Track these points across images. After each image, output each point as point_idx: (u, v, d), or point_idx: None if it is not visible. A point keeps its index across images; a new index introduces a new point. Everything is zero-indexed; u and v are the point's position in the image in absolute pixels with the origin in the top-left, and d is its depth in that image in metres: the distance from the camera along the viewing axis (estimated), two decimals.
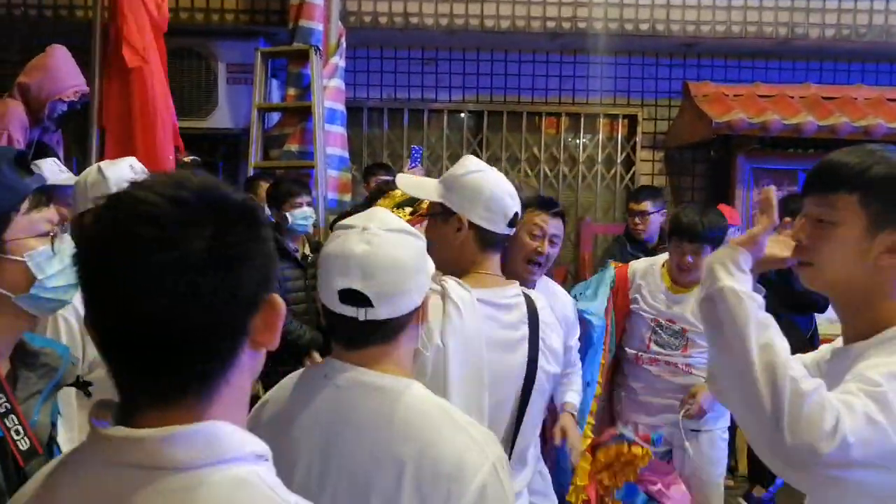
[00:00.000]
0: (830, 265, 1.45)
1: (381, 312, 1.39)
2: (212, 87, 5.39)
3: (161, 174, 0.91)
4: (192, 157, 3.48)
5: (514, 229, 2.18)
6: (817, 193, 1.47)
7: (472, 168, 2.15)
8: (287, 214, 3.96)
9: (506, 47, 6.00)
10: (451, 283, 2.05)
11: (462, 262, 2.12)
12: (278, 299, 0.92)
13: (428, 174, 5.92)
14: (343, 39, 5.35)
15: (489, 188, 2.09)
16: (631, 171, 6.22)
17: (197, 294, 0.83)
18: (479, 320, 2.02)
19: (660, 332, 3.38)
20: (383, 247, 1.40)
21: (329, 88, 5.23)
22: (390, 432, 1.34)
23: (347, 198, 5.43)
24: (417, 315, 1.46)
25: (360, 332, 1.42)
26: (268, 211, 4.15)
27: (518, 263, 2.81)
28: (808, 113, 5.13)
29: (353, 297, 1.39)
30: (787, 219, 3.26)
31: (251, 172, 4.99)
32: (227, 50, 5.35)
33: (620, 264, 3.65)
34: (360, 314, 1.39)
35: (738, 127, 5.07)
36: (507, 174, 6.06)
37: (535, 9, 5.54)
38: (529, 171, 6.24)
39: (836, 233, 1.43)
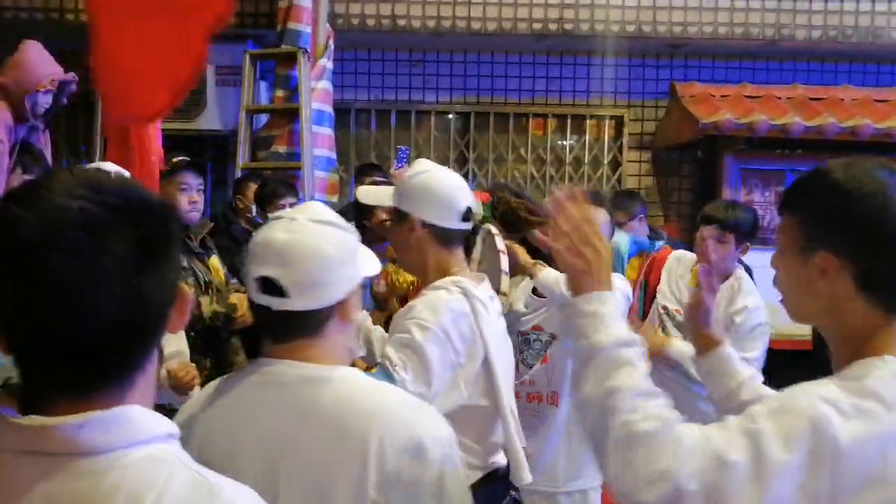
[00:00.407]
0: (789, 298, 1.33)
1: (296, 303, 1.36)
2: (201, 89, 5.37)
3: (67, 174, 0.91)
4: (180, 158, 3.45)
5: (470, 224, 2.21)
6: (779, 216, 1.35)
7: (420, 169, 2.19)
8: (270, 216, 3.95)
9: (492, 49, 5.99)
10: (466, 282, 2.10)
11: (424, 261, 2.17)
12: (184, 286, 0.96)
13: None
14: (331, 41, 5.33)
15: (437, 185, 2.14)
16: (618, 172, 6.23)
17: (137, 294, 0.87)
18: (497, 315, 2.16)
19: (667, 320, 3.36)
20: (305, 236, 1.38)
21: (317, 90, 5.22)
22: (350, 418, 1.33)
23: (335, 199, 5.42)
24: (343, 310, 1.42)
25: (283, 325, 1.39)
26: (255, 211, 4.14)
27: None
28: (795, 113, 5.15)
29: (269, 285, 1.37)
30: None
31: (239, 173, 4.97)
32: (216, 52, 5.32)
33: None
34: (274, 303, 1.36)
35: (725, 127, 5.08)
36: (494, 175, 6.16)
37: (522, 10, 5.54)
38: (516, 172, 6.23)
39: (784, 260, 1.31)
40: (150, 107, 2.52)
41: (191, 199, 3.32)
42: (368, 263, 1.52)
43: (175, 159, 3.46)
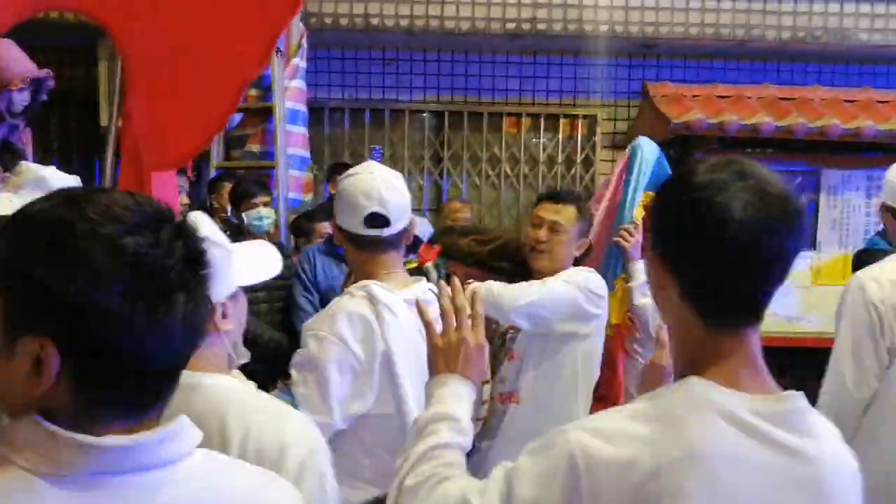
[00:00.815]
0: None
1: None
2: None
3: (113, 194, 0.90)
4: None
5: (382, 230, 2.08)
6: None
7: (348, 173, 2.16)
8: (243, 215, 3.93)
9: (466, 48, 6.00)
10: (373, 287, 2.05)
11: (354, 266, 2.17)
12: None
13: None
14: (304, 40, 5.31)
15: (346, 191, 2.09)
16: (591, 171, 6.26)
17: (203, 317, 0.93)
18: (413, 317, 1.98)
19: None
20: None
21: (290, 89, 5.20)
22: (215, 423, 1.33)
23: (309, 197, 5.40)
24: (212, 320, 1.40)
25: None
26: (230, 211, 4.11)
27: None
28: (765, 113, 5.21)
29: None
30: None
31: (213, 173, 4.93)
32: None
33: None
34: None
35: (697, 127, 5.13)
36: (468, 174, 6.17)
37: (495, 10, 5.56)
38: (490, 171, 6.25)
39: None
40: (180, 151, 2.29)
41: (182, 201, 3.27)
42: (246, 274, 1.50)
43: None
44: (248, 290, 2.63)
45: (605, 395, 3.28)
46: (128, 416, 0.89)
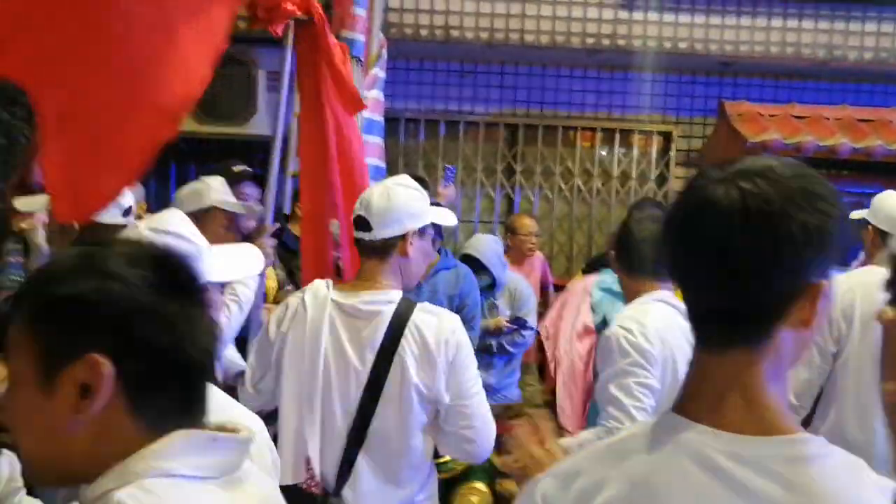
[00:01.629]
0: None
1: None
2: (252, 94, 5.49)
3: None
4: (241, 168, 3.51)
5: (364, 234, 2.14)
6: None
7: None
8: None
9: (544, 62, 6.07)
10: (318, 282, 2.20)
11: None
12: None
13: (462, 186, 6.04)
14: (384, 51, 5.45)
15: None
16: (664, 188, 6.25)
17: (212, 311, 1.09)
18: (325, 317, 2.10)
19: None
20: None
21: (368, 99, 5.30)
22: None
23: None
24: None
25: None
26: None
27: None
28: (842, 135, 5.14)
29: None
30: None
31: (288, 181, 5.08)
32: (268, 56, 5.45)
33: None
34: None
35: (773, 147, 5.09)
36: (540, 188, 6.21)
37: (575, 25, 5.62)
38: (563, 185, 6.29)
39: None
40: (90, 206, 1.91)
41: (250, 209, 3.37)
42: (220, 272, 1.58)
43: (236, 169, 3.51)
44: None
45: None
46: (183, 420, 0.93)
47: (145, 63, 1.63)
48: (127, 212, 2.61)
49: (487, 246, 4.32)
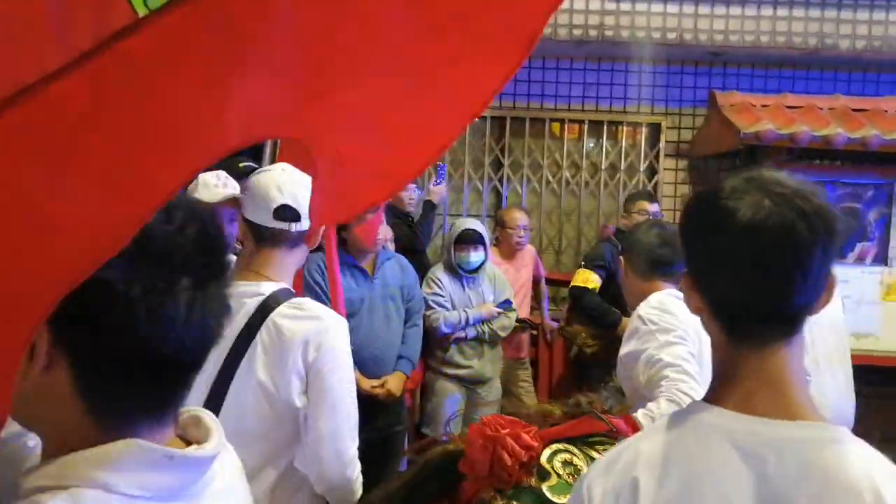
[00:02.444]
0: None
1: None
2: None
3: None
4: (246, 164, 3.37)
5: (291, 225, 1.98)
6: None
7: (261, 170, 2.13)
8: None
9: (532, 53, 5.94)
10: (244, 283, 1.98)
11: (245, 257, 2.08)
12: None
13: (450, 179, 5.93)
14: None
15: (258, 184, 2.03)
16: (654, 180, 6.18)
17: (214, 313, 0.92)
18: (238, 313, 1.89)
19: None
20: None
21: None
22: None
23: None
24: None
25: None
26: None
27: None
28: (837, 125, 5.07)
29: None
30: None
31: None
32: None
33: None
34: None
35: (767, 138, 5.01)
36: (528, 181, 6.12)
37: (562, 16, 5.51)
38: (551, 178, 6.20)
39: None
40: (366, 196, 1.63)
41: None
42: None
43: (241, 165, 3.41)
44: None
45: None
46: (148, 419, 0.84)
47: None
48: None
49: (480, 224, 4.48)
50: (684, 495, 1.02)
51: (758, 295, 1.05)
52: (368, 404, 2.79)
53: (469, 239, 4.29)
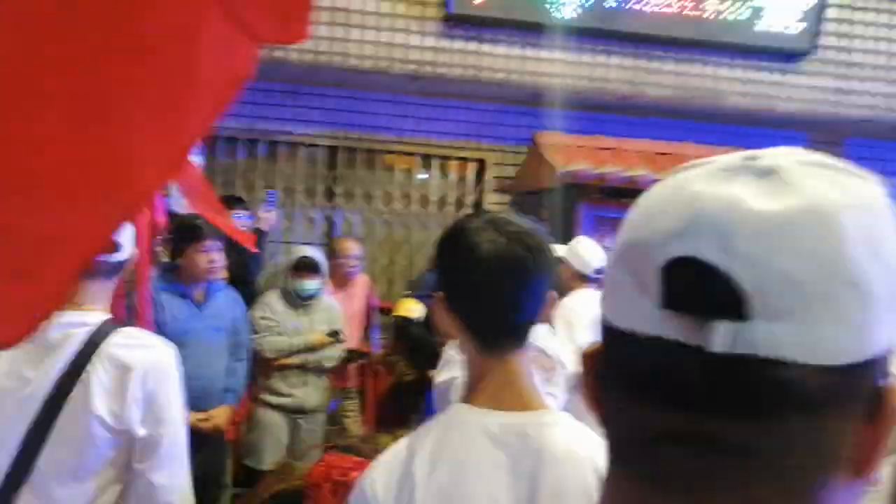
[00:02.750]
0: None
1: None
2: None
3: None
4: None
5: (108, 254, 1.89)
6: None
7: None
8: None
9: (366, 86, 6.11)
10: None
11: None
12: None
13: (282, 207, 5.95)
14: None
15: None
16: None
17: None
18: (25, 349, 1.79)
19: None
20: None
21: None
22: None
23: None
24: None
25: None
26: None
27: None
28: (643, 166, 5.51)
29: None
30: None
31: None
32: None
33: None
34: None
35: (580, 176, 5.38)
36: (362, 210, 6.24)
37: (398, 51, 5.69)
38: (383, 208, 6.35)
39: None
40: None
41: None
42: None
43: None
44: None
45: None
46: None
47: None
48: None
49: (318, 253, 4.52)
50: (454, 482, 1.22)
51: (499, 313, 1.28)
52: (191, 437, 2.78)
53: (306, 266, 4.31)
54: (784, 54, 6.04)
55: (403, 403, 4.34)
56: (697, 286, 0.48)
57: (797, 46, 6.00)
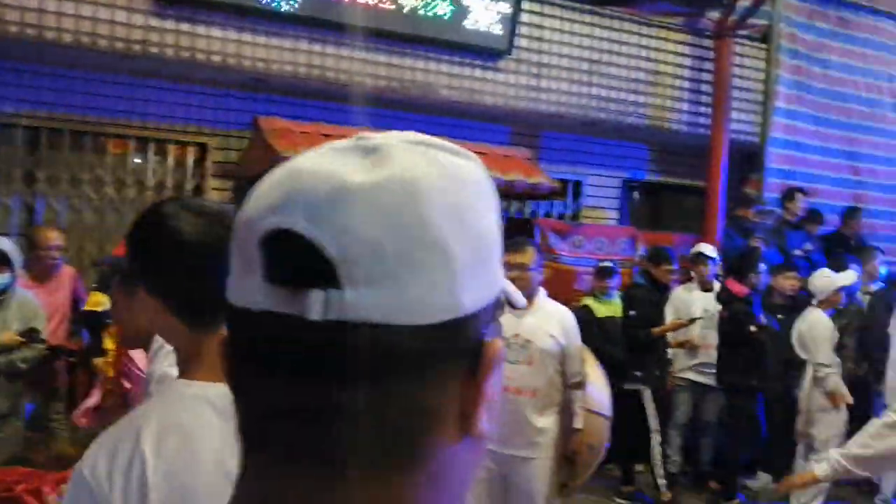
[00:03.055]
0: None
1: None
2: None
3: None
4: None
5: None
6: None
7: None
8: None
9: (70, 63, 5.69)
10: None
11: None
12: None
13: None
14: None
15: None
16: None
17: None
18: None
19: None
20: None
21: None
22: None
23: None
24: None
25: None
26: None
27: None
28: None
29: None
30: None
31: None
32: None
33: None
34: None
35: None
36: (68, 197, 5.82)
37: (102, 27, 5.35)
38: (93, 194, 5.97)
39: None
40: None
41: None
42: None
43: None
44: None
45: None
46: None
47: None
48: None
49: (7, 243, 4.12)
50: (184, 455, 1.22)
51: (208, 292, 1.32)
52: None
53: None
54: (486, 53, 6.50)
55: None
56: (292, 258, 0.51)
57: (496, 46, 6.50)
